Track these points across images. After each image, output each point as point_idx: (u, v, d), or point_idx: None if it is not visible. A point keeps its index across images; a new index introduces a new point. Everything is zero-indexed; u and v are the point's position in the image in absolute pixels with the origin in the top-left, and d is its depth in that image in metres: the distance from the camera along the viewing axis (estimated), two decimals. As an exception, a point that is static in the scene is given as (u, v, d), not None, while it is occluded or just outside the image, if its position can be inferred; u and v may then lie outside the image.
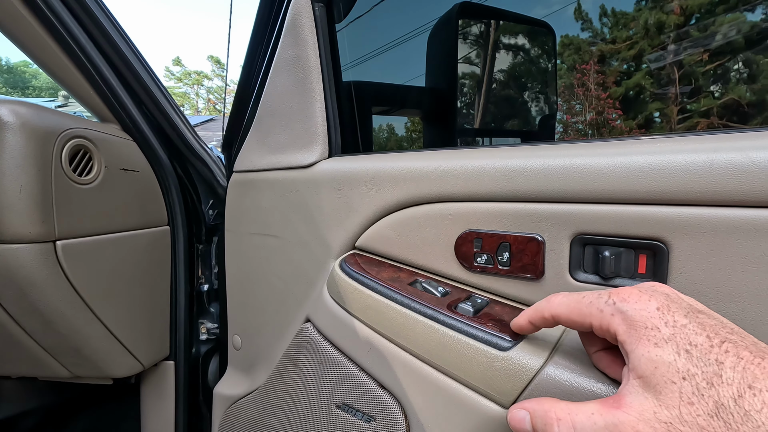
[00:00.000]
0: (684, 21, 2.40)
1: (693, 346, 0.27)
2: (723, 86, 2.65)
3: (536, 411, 0.33)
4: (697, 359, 0.27)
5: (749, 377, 0.25)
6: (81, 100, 0.88)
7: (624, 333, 0.30)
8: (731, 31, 2.26)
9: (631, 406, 0.28)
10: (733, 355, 0.26)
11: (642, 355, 0.29)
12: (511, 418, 0.35)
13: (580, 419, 0.30)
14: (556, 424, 0.31)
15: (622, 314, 0.31)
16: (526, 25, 1.03)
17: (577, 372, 0.38)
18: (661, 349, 0.28)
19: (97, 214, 0.78)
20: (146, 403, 1.01)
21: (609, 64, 2.99)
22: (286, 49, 0.69)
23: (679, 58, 2.62)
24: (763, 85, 2.55)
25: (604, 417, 0.28)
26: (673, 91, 2.78)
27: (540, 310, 0.37)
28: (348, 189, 0.63)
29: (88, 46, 0.81)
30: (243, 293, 0.83)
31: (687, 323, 0.28)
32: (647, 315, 0.30)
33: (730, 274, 0.37)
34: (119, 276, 0.84)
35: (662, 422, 0.26)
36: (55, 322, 0.75)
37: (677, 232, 0.39)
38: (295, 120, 0.70)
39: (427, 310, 0.48)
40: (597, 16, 2.78)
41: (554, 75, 1.06)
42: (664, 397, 0.27)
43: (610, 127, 3.03)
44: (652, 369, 0.28)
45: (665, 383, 0.27)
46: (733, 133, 0.38)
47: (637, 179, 0.40)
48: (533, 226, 0.47)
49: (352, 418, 0.56)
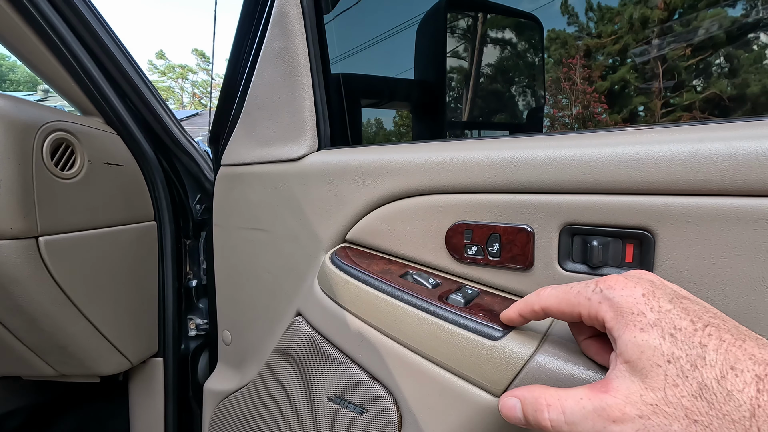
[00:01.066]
0: (667, 16, 2.43)
1: (677, 330, 0.28)
2: (705, 80, 2.70)
3: (527, 398, 0.33)
4: (681, 342, 0.27)
5: (731, 359, 0.26)
6: (62, 92, 0.86)
7: (611, 319, 0.31)
8: (713, 27, 2.30)
9: (618, 390, 0.29)
10: (716, 338, 0.27)
11: (628, 341, 0.29)
12: (502, 406, 0.35)
13: (570, 404, 0.30)
14: (546, 409, 0.31)
15: (609, 301, 0.31)
16: (514, 17, 1.04)
17: (566, 360, 0.38)
18: (647, 333, 0.29)
19: (81, 209, 0.77)
20: (135, 400, 1.00)
21: (595, 58, 3.02)
22: (273, 41, 0.68)
23: (663, 52, 2.65)
24: (743, 79, 2.60)
25: (593, 401, 0.29)
26: (657, 86, 2.82)
27: (530, 303, 0.38)
28: (338, 182, 0.62)
29: (68, 36, 0.79)
30: (232, 288, 0.82)
31: (671, 308, 0.29)
32: (633, 301, 0.30)
33: (714, 261, 0.38)
34: (105, 272, 0.83)
35: (648, 404, 0.27)
36: (39, 320, 0.74)
37: (663, 221, 0.40)
38: (284, 112, 0.69)
39: (418, 302, 0.49)
40: (583, 11, 2.79)
41: (542, 68, 1.07)
42: (650, 380, 0.27)
43: (596, 121, 3.06)
44: (639, 353, 0.28)
45: (651, 367, 0.28)
46: (717, 123, 0.39)
47: (624, 169, 0.41)
48: (523, 217, 0.48)
49: (345, 410, 0.56)
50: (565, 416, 0.30)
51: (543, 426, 0.31)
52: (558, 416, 0.30)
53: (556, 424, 0.31)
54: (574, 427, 0.30)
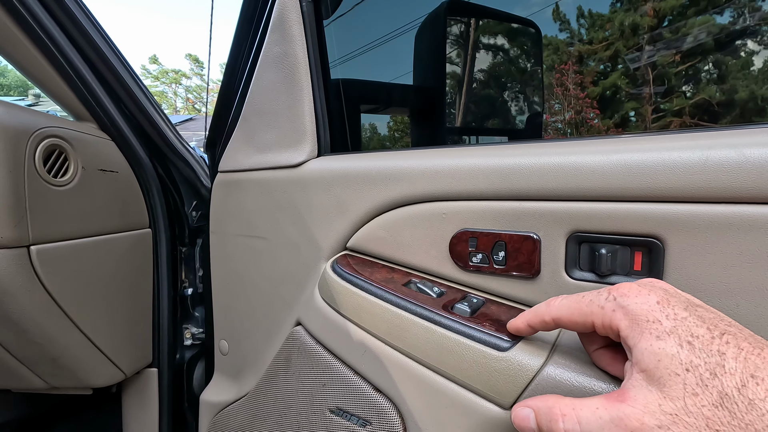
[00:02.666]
0: (657, 23, 2.46)
1: (695, 338, 0.27)
2: (694, 86, 2.74)
3: (540, 408, 0.32)
4: (699, 350, 0.27)
5: (751, 367, 0.25)
6: (55, 97, 0.84)
7: (626, 328, 0.30)
8: (701, 34, 2.34)
9: (636, 400, 0.28)
10: (734, 346, 0.26)
11: (645, 349, 0.28)
12: (515, 417, 0.34)
13: (585, 414, 0.29)
14: (561, 420, 0.30)
15: (624, 309, 0.31)
16: (513, 23, 1.04)
17: (577, 371, 0.38)
18: (664, 341, 0.28)
19: (74, 216, 0.75)
20: (128, 412, 0.98)
21: (586, 64, 3.06)
22: (272, 46, 0.67)
23: (653, 59, 2.69)
24: (731, 85, 2.64)
25: (609, 411, 0.28)
26: (648, 91, 2.86)
27: (540, 314, 0.37)
28: (338, 189, 0.61)
29: (61, 40, 0.77)
30: (229, 297, 0.80)
31: (687, 316, 0.29)
32: (648, 308, 0.30)
33: (725, 270, 0.37)
34: (98, 281, 0.81)
35: (667, 414, 0.26)
36: (30, 332, 0.72)
37: (672, 229, 0.39)
38: (283, 118, 0.68)
39: (423, 311, 0.48)
40: (575, 17, 2.82)
41: (540, 73, 1.07)
42: (669, 389, 0.27)
43: (588, 126, 3.09)
44: (656, 362, 0.28)
45: (669, 375, 0.27)
46: (727, 129, 0.39)
47: (632, 176, 0.40)
48: (529, 225, 0.47)
49: (347, 422, 0.55)
50: (581, 426, 0.29)
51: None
52: (573, 426, 0.30)
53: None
54: None
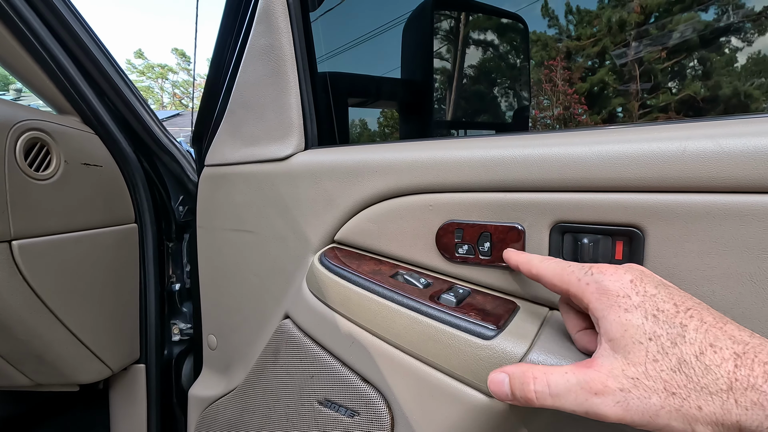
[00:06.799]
0: (644, 20, 2.49)
1: (660, 312, 0.30)
2: (680, 82, 2.77)
3: (514, 373, 0.34)
4: (663, 322, 0.29)
5: (711, 337, 0.27)
6: (36, 90, 0.83)
7: (596, 301, 0.32)
8: (687, 30, 2.36)
9: (602, 366, 0.30)
10: (697, 319, 0.29)
11: (613, 320, 0.31)
12: (490, 382, 0.36)
13: (555, 378, 0.32)
14: (533, 382, 0.33)
15: (597, 284, 0.33)
16: (500, 17, 1.04)
17: (560, 356, 0.38)
18: (631, 314, 0.30)
19: (58, 211, 0.74)
20: (116, 409, 0.97)
21: (574, 60, 3.07)
22: (258, 38, 0.67)
23: (640, 55, 2.71)
24: (716, 81, 2.68)
25: (577, 375, 0.31)
26: (635, 87, 2.88)
27: (532, 264, 0.40)
28: (326, 182, 0.61)
29: (41, 31, 0.76)
30: (217, 291, 0.80)
31: (656, 293, 0.31)
32: (620, 286, 0.32)
33: (702, 257, 0.38)
34: (83, 277, 0.80)
35: (629, 378, 0.29)
36: (12, 328, 0.71)
37: (652, 218, 0.40)
38: (270, 111, 0.68)
39: (409, 302, 0.48)
40: (563, 14, 2.83)
41: (527, 68, 1.08)
42: (632, 356, 0.29)
43: (576, 121, 3.12)
44: (622, 332, 0.30)
45: (633, 344, 0.29)
46: (704, 121, 0.40)
47: (613, 167, 0.41)
48: (513, 216, 0.48)
49: (335, 413, 0.55)
50: (550, 389, 0.31)
51: (528, 398, 0.33)
52: (543, 388, 0.32)
53: (541, 396, 0.32)
54: (558, 399, 0.31)
